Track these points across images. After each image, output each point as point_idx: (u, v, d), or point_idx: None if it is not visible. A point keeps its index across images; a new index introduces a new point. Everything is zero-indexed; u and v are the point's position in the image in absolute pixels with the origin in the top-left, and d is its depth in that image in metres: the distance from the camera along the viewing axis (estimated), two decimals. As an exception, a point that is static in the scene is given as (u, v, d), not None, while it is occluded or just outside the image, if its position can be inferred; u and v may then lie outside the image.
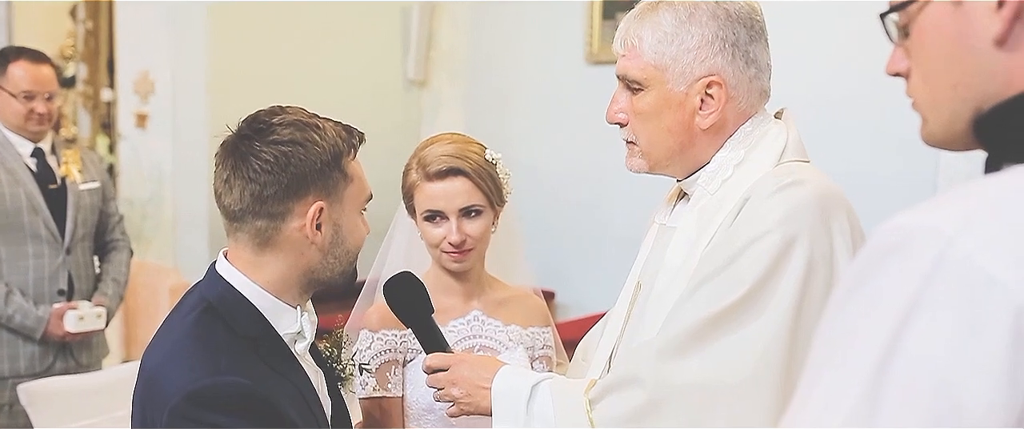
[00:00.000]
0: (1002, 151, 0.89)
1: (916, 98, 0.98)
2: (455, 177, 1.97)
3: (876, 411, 0.76)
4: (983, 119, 0.90)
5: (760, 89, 1.71)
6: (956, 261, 0.76)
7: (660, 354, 1.55)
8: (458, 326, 2.07)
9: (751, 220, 1.57)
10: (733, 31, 1.65)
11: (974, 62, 0.90)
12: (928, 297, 0.76)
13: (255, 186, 1.59)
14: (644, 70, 1.67)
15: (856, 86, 4.47)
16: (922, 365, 0.75)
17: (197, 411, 1.50)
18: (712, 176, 1.70)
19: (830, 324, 0.84)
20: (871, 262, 0.82)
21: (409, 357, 2.05)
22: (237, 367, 1.56)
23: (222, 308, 1.63)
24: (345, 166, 1.64)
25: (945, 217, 0.79)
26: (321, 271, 1.66)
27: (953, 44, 0.91)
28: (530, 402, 1.62)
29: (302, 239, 1.62)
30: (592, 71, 6.01)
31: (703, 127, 1.67)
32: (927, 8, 0.92)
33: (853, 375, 0.78)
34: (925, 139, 0.99)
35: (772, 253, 1.52)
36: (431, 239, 2.01)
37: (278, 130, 1.61)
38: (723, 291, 1.53)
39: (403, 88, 6.57)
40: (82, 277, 3.46)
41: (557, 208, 5.72)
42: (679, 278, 1.66)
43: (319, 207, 1.61)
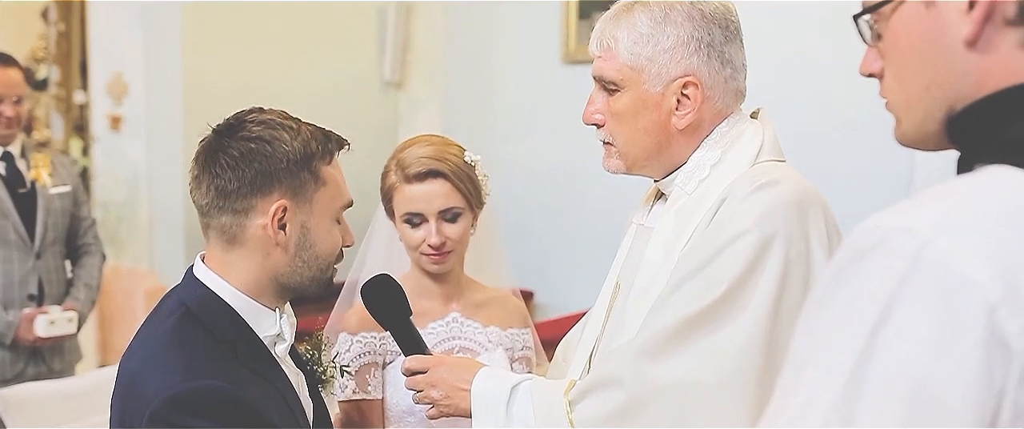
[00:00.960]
0: (974, 151, 0.89)
1: (889, 98, 0.99)
2: (434, 179, 1.96)
3: (855, 410, 0.77)
4: (955, 119, 0.92)
5: (736, 89, 1.71)
6: (932, 261, 0.77)
7: (639, 354, 1.55)
8: (437, 328, 2.07)
9: (728, 220, 1.58)
10: (708, 31, 1.65)
11: (946, 63, 0.91)
12: (905, 296, 0.76)
13: (220, 181, 1.59)
14: (620, 71, 1.67)
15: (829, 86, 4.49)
16: (900, 363, 0.76)
17: (177, 415, 1.49)
18: (689, 176, 1.70)
19: (808, 324, 0.84)
20: (848, 262, 0.82)
21: (389, 359, 2.05)
22: (217, 371, 1.55)
23: (200, 312, 1.62)
24: (317, 168, 1.62)
25: (920, 218, 0.80)
26: (290, 275, 1.64)
27: (925, 45, 0.92)
28: (510, 403, 1.62)
29: (266, 238, 1.61)
30: (569, 71, 6.01)
31: (680, 127, 1.68)
32: (900, 10, 0.93)
33: (832, 374, 0.78)
34: (898, 139, 1.00)
35: (749, 253, 1.52)
36: (410, 241, 2.00)
37: (249, 127, 1.61)
38: (701, 291, 1.53)
39: (380, 90, 6.55)
40: (53, 282, 3.42)
41: (535, 208, 5.73)
42: (658, 278, 1.66)
43: (281, 206, 1.59)
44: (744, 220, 1.55)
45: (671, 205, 1.72)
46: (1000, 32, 0.88)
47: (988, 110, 0.89)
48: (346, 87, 6.26)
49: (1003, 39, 0.88)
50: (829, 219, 1.62)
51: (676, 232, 1.67)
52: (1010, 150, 0.85)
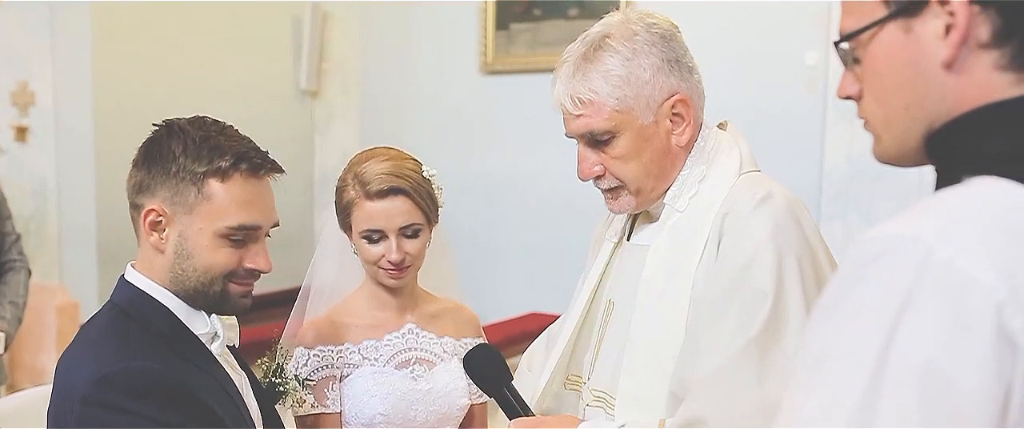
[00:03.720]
0: (953, 165, 0.96)
1: (869, 118, 1.04)
2: (396, 196, 1.96)
3: (877, 408, 0.81)
4: (934, 136, 0.98)
5: (702, 93, 1.78)
6: (938, 265, 0.82)
7: (715, 388, 1.57)
8: (393, 339, 2.08)
9: (743, 236, 1.63)
10: (671, 49, 1.71)
11: (924, 84, 0.96)
12: (916, 300, 0.82)
13: (130, 173, 1.69)
14: (611, 119, 1.69)
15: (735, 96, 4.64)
16: (916, 362, 0.81)
17: (109, 395, 1.51)
18: (678, 194, 1.74)
19: (818, 329, 0.89)
20: (854, 271, 0.87)
21: (346, 372, 2.05)
22: (150, 356, 1.58)
23: (132, 310, 1.66)
24: (204, 183, 1.63)
25: (922, 227, 0.86)
26: (174, 281, 1.67)
27: (905, 68, 0.98)
28: None
29: (146, 236, 1.67)
30: (487, 81, 6.06)
31: (681, 144, 1.73)
32: (879, 35, 0.99)
33: (851, 376, 0.83)
34: (878, 156, 1.06)
35: (774, 264, 1.58)
36: (369, 256, 2.00)
37: (161, 129, 1.68)
38: (749, 311, 1.57)
39: (295, 98, 6.49)
40: (-23, 300, 3.31)
41: (453, 217, 5.74)
42: (668, 296, 1.69)
43: (152, 210, 1.64)
44: (759, 234, 1.61)
45: (663, 223, 1.76)
46: (974, 54, 0.93)
47: (967, 126, 0.94)
48: (261, 96, 6.17)
49: (978, 61, 0.94)
50: (812, 220, 1.70)
51: (676, 250, 1.71)
52: (992, 163, 0.91)
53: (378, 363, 2.06)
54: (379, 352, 2.06)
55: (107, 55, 5.53)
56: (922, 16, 0.95)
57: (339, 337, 2.06)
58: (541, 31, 5.88)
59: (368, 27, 6.38)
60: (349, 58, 6.50)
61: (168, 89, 5.75)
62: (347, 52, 6.51)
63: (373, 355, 2.06)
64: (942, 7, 0.94)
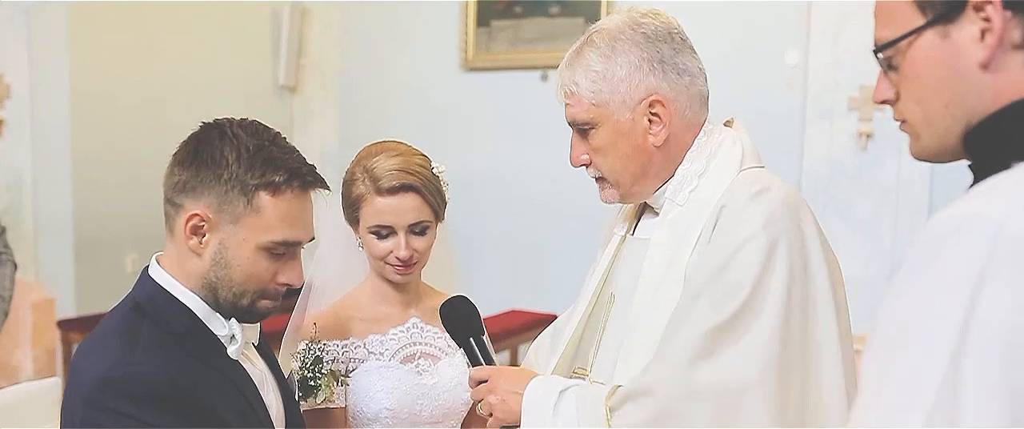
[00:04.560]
0: (996, 155, 1.03)
1: (909, 118, 1.13)
2: (407, 193, 1.96)
3: (962, 374, 0.88)
4: (973, 132, 1.06)
5: (698, 94, 1.79)
6: (1009, 239, 0.89)
7: (672, 364, 1.62)
8: (398, 334, 2.08)
9: (735, 226, 1.67)
10: (656, 50, 1.74)
11: (963, 84, 1.05)
12: (992, 270, 0.89)
13: (170, 170, 1.67)
14: (589, 111, 1.76)
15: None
16: (997, 328, 0.87)
17: (108, 399, 1.52)
18: (678, 188, 1.78)
19: (895, 306, 0.95)
20: (930, 250, 0.95)
21: (352, 367, 2.05)
22: (157, 358, 1.57)
23: (149, 307, 1.65)
24: (253, 194, 1.62)
25: (989, 206, 0.93)
26: (214, 286, 1.66)
27: (944, 70, 1.06)
28: (557, 406, 1.69)
29: (184, 239, 1.64)
30: (467, 78, 6.07)
31: (657, 144, 1.76)
32: (917, 42, 1.08)
33: (936, 347, 0.89)
34: (916, 154, 1.15)
35: (760, 257, 1.62)
36: (376, 252, 2.00)
37: (213, 132, 1.65)
38: (724, 298, 1.62)
39: (274, 94, 6.46)
40: (-37, 293, 3.26)
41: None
42: (665, 287, 1.73)
43: (196, 214, 1.63)
44: (750, 225, 1.64)
45: (663, 217, 1.79)
46: (1009, 55, 1.03)
47: (1008, 119, 1.03)
48: (239, 91, 6.14)
49: (1011, 60, 1.03)
50: (813, 218, 1.73)
51: (675, 243, 1.75)
52: None
53: (383, 358, 2.05)
54: (384, 347, 2.06)
55: (84, 48, 5.47)
56: (958, 22, 1.04)
57: (344, 332, 2.05)
58: (522, 28, 5.90)
59: (347, 23, 6.36)
60: (328, 54, 6.48)
61: (145, 83, 5.71)
62: (326, 48, 6.49)
63: (378, 350, 2.06)
64: (977, 13, 1.03)
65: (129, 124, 5.66)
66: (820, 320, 1.64)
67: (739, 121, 1.87)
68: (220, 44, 6.11)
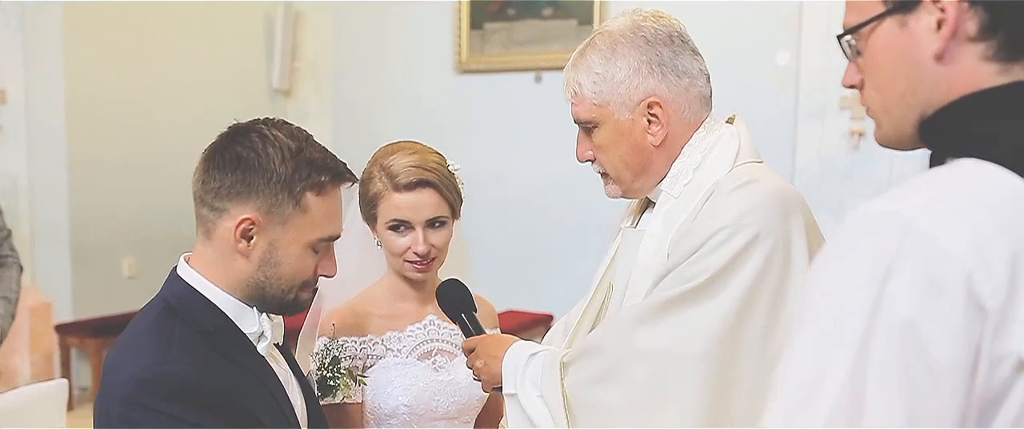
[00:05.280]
0: (943, 148, 1.06)
1: (870, 105, 1.15)
2: (424, 189, 2.01)
3: (867, 363, 0.91)
4: (927, 122, 1.08)
5: (699, 95, 1.84)
6: (918, 238, 0.92)
7: (621, 325, 1.73)
8: (415, 330, 2.11)
9: (712, 215, 1.72)
10: (655, 53, 1.79)
11: (918, 74, 1.07)
12: (899, 266, 0.92)
13: (208, 176, 1.65)
14: (590, 111, 1.82)
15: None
16: (899, 322, 0.91)
17: (147, 397, 1.53)
18: (674, 181, 1.83)
19: (811, 295, 0.99)
20: (844, 244, 0.98)
21: (369, 363, 2.08)
22: (191, 358, 1.59)
23: (180, 307, 1.66)
24: (300, 194, 1.65)
25: (905, 202, 0.96)
26: (253, 286, 1.69)
27: (900, 60, 1.08)
28: (526, 367, 1.82)
29: (230, 244, 1.65)
30: (461, 80, 6.09)
31: (655, 144, 1.82)
32: (877, 29, 1.09)
33: (845, 335, 0.93)
34: (878, 140, 1.16)
35: (733, 246, 1.67)
36: (394, 248, 2.03)
37: (251, 136, 1.65)
38: (686, 277, 1.69)
39: (268, 97, 6.48)
40: (-31, 297, 3.28)
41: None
42: (648, 274, 1.79)
43: (248, 219, 1.64)
44: (726, 215, 1.69)
45: (659, 209, 1.85)
46: (963, 47, 1.04)
47: (955, 113, 1.05)
48: (233, 94, 6.16)
49: (966, 53, 1.04)
50: (807, 215, 1.76)
51: (665, 232, 1.81)
52: (975, 145, 1.02)
53: (401, 354, 2.08)
54: (402, 343, 2.09)
55: (79, 52, 5.49)
56: (916, 12, 1.06)
57: (362, 328, 2.08)
58: (515, 31, 5.93)
59: (341, 26, 6.38)
60: (322, 57, 6.50)
61: (140, 87, 5.73)
62: (320, 51, 6.51)
63: (396, 346, 2.09)
64: (934, 4, 1.04)
65: (124, 128, 5.68)
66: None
67: (740, 118, 1.91)
68: (214, 48, 6.13)
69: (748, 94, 5.16)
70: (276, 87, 6.45)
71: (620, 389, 1.69)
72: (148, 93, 5.73)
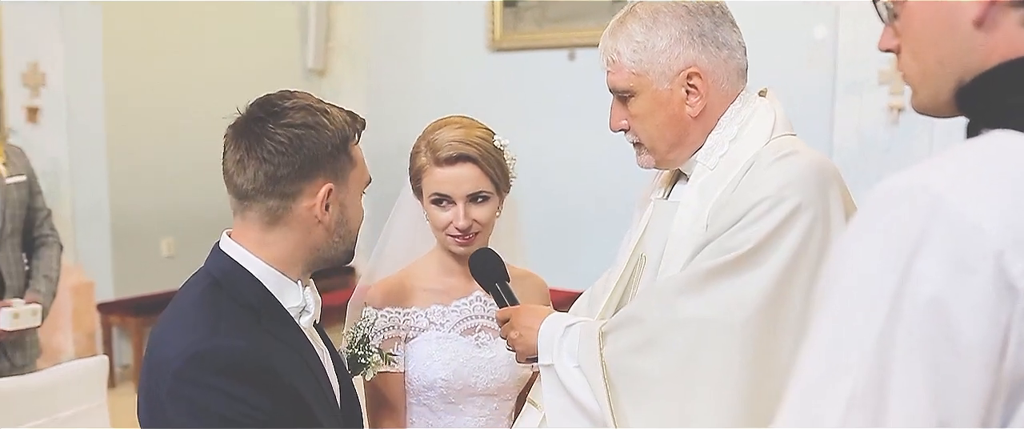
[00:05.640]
0: (980, 117, 1.02)
1: (906, 72, 1.11)
2: (464, 163, 2.01)
3: (895, 336, 0.88)
4: (964, 90, 1.04)
5: (736, 67, 1.84)
6: (947, 212, 0.88)
7: (661, 295, 1.74)
8: (461, 306, 2.12)
9: (753, 187, 1.72)
10: (697, 23, 1.79)
11: (956, 41, 1.02)
12: (927, 242, 0.88)
13: (269, 167, 1.63)
14: (628, 79, 1.81)
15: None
16: (926, 299, 0.88)
17: (200, 373, 1.54)
18: (709, 153, 1.83)
19: (834, 272, 0.96)
20: (872, 217, 0.94)
21: (411, 335, 2.09)
22: (239, 332, 1.60)
23: (225, 280, 1.67)
24: (350, 150, 1.70)
25: (935, 176, 0.92)
26: (326, 248, 1.72)
27: (938, 25, 1.04)
28: (563, 338, 1.82)
29: (311, 218, 1.67)
30: (495, 58, 6.09)
31: (693, 115, 1.81)
32: None
33: (871, 311, 0.90)
34: (915, 107, 1.12)
35: (775, 217, 1.67)
36: (437, 222, 2.05)
37: (291, 114, 1.65)
38: (729, 247, 1.69)
39: (303, 77, 6.52)
40: (13, 274, 3.32)
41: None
42: (683, 246, 1.79)
43: (328, 189, 1.66)
44: (767, 186, 1.69)
45: (694, 180, 1.85)
46: (1003, 12, 0.99)
47: (993, 81, 1.00)
48: (268, 75, 6.18)
49: (1006, 18, 0.99)
50: (843, 187, 1.76)
51: (701, 204, 1.80)
52: (1012, 116, 0.98)
53: (444, 328, 2.10)
54: (446, 317, 2.11)
55: (117, 35, 5.55)
56: None
57: (407, 300, 2.10)
58: (548, 8, 5.91)
59: (375, 5, 6.39)
60: (356, 36, 6.52)
61: (177, 68, 5.77)
62: (354, 30, 6.52)
63: (439, 320, 2.10)
64: None
65: (162, 109, 5.73)
66: None
67: (772, 92, 1.91)
68: (249, 29, 6.17)
69: (784, 69, 5.11)
70: (311, 67, 6.49)
71: (660, 358, 1.69)
72: (185, 74, 5.78)
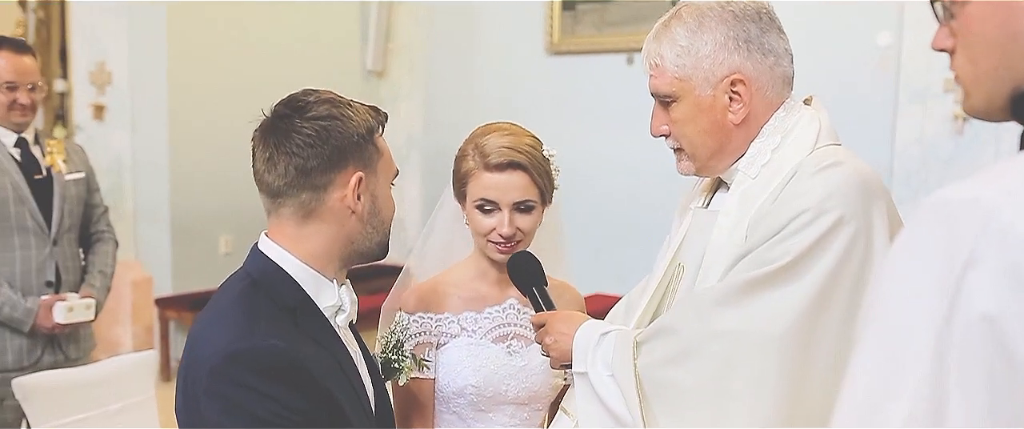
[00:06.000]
0: None
1: (960, 74, 1.07)
2: (514, 171, 1.99)
3: (947, 357, 0.86)
4: (1020, 98, 1.01)
5: (782, 75, 1.79)
6: (998, 228, 0.85)
7: (698, 306, 1.70)
8: (493, 313, 2.11)
9: (795, 197, 1.67)
10: (743, 29, 1.75)
11: (1015, 49, 0.99)
12: (977, 259, 0.86)
13: (299, 160, 1.65)
14: (671, 84, 1.78)
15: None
16: (979, 315, 0.85)
17: (236, 371, 1.55)
18: (751, 161, 1.79)
19: (882, 288, 0.93)
20: (919, 233, 0.92)
21: (443, 341, 2.08)
22: (276, 332, 1.61)
23: (263, 281, 1.69)
24: (377, 140, 1.72)
25: (986, 189, 0.89)
26: (360, 240, 1.73)
27: (998, 31, 1.00)
28: (598, 346, 1.80)
29: (343, 209, 1.68)
30: (553, 62, 6.07)
31: (736, 122, 1.78)
32: None
33: (917, 340, 0.87)
34: (966, 110, 1.09)
35: (816, 229, 1.62)
36: (480, 228, 2.03)
37: (314, 107, 1.67)
38: (767, 260, 1.64)
39: (362, 79, 6.57)
40: (69, 269, 3.40)
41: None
42: (722, 255, 1.75)
43: (359, 177, 1.67)
44: (808, 197, 1.65)
45: (735, 189, 1.81)
46: None
47: None
48: (328, 76, 6.22)
49: None
50: (889, 201, 1.71)
51: (741, 214, 1.76)
52: None
53: (475, 335, 2.08)
54: (478, 324, 2.09)
55: (181, 35, 5.64)
56: None
57: (440, 305, 2.09)
58: (607, 11, 5.88)
59: (434, 8, 6.42)
60: (415, 39, 6.55)
61: (238, 69, 5.86)
62: (413, 33, 6.56)
63: (471, 326, 2.09)
64: None
65: (223, 109, 5.82)
66: None
67: (818, 100, 1.86)
68: (310, 30, 6.24)
69: (847, 75, 5.03)
70: (370, 69, 6.54)
71: (694, 370, 1.66)
72: (245, 75, 5.86)
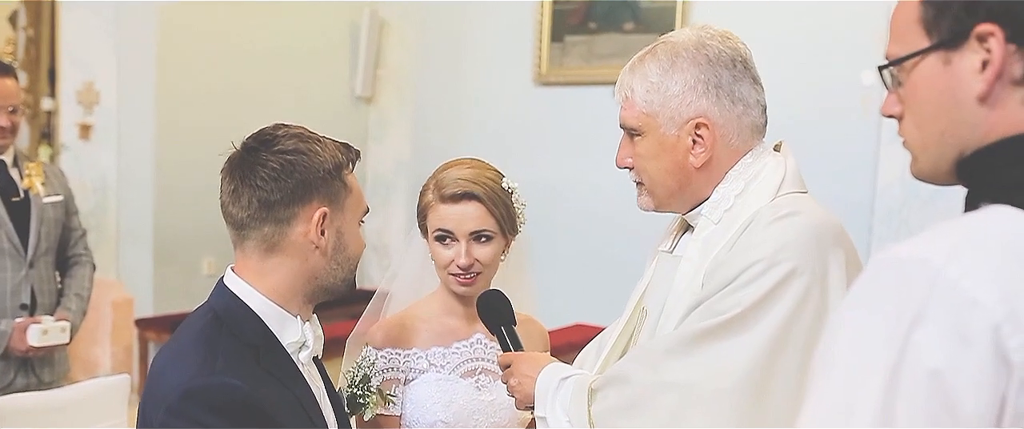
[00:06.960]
0: (980, 191, 1.02)
1: (908, 139, 1.12)
2: (469, 201, 2.01)
3: (894, 413, 0.89)
4: (964, 163, 1.05)
5: (751, 124, 1.80)
6: (946, 286, 0.89)
7: (651, 354, 1.70)
8: (461, 348, 2.11)
9: (749, 247, 1.68)
10: (715, 74, 1.75)
11: (959, 114, 1.04)
12: (926, 314, 0.89)
13: (262, 193, 1.67)
14: (638, 118, 1.79)
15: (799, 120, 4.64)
16: (926, 372, 0.88)
17: (191, 409, 1.56)
18: (714, 207, 1.80)
19: (833, 342, 0.96)
20: (871, 288, 0.95)
21: (411, 376, 2.08)
22: (235, 371, 1.61)
23: (227, 317, 1.69)
24: (345, 177, 1.73)
25: (934, 249, 0.93)
26: (325, 276, 1.73)
27: (942, 97, 1.05)
28: (557, 391, 1.80)
29: (307, 244, 1.69)
30: (541, 92, 6.10)
31: (696, 166, 1.78)
32: (921, 64, 1.06)
33: (869, 382, 0.90)
34: (914, 173, 1.14)
35: (767, 280, 1.62)
36: (440, 260, 2.05)
37: (282, 141, 1.69)
38: (719, 310, 1.65)
39: (351, 104, 6.58)
40: (45, 292, 3.39)
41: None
42: (683, 301, 1.76)
43: (323, 212, 1.68)
44: (764, 248, 1.65)
45: (698, 234, 1.81)
46: (1007, 90, 1.01)
47: (993, 156, 1.02)
48: (317, 100, 6.28)
49: (1010, 96, 1.01)
50: (849, 249, 1.71)
51: (702, 260, 1.77)
52: (1011, 191, 0.98)
53: (444, 371, 2.09)
54: (446, 359, 2.10)
55: (170, 57, 5.66)
56: (961, 50, 1.02)
57: (408, 341, 2.09)
58: (596, 44, 5.92)
59: (424, 35, 6.45)
60: (405, 66, 6.58)
61: (227, 92, 5.87)
62: (403, 60, 6.59)
63: (440, 362, 2.09)
64: (980, 44, 1.01)
65: (210, 132, 5.79)
66: None
67: (787, 146, 1.87)
68: (300, 55, 6.26)
69: (830, 114, 5.06)
70: (359, 94, 6.55)
71: (645, 421, 1.66)
72: (234, 98, 5.87)
